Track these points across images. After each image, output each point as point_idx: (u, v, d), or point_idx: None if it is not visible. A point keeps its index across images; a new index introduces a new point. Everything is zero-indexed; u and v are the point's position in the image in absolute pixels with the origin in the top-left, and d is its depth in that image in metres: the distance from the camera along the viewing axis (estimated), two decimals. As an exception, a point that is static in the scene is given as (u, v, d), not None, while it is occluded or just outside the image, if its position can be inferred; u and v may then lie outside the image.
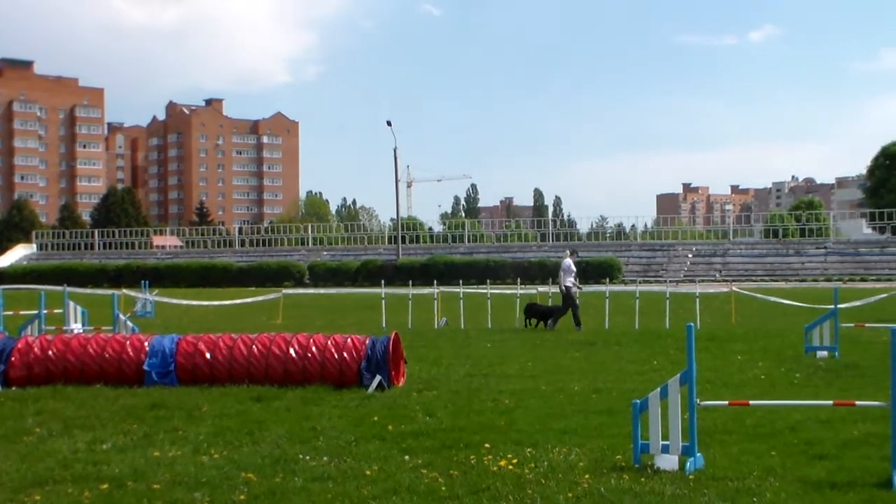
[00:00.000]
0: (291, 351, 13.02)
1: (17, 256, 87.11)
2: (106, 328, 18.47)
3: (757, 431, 9.58)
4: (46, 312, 18.73)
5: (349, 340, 13.15)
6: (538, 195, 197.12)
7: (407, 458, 8.58)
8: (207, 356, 13.09)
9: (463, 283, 32.73)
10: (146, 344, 13.31)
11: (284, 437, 9.57)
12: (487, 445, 9.00)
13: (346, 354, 12.92)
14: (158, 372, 13.03)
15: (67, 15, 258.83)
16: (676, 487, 7.44)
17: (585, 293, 28.42)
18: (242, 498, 7.30)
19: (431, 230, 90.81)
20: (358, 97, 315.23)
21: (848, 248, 66.72)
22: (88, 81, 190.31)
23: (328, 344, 13.07)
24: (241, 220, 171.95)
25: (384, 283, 28.38)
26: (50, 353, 13.28)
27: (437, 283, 29.17)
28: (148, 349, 13.20)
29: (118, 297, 19.26)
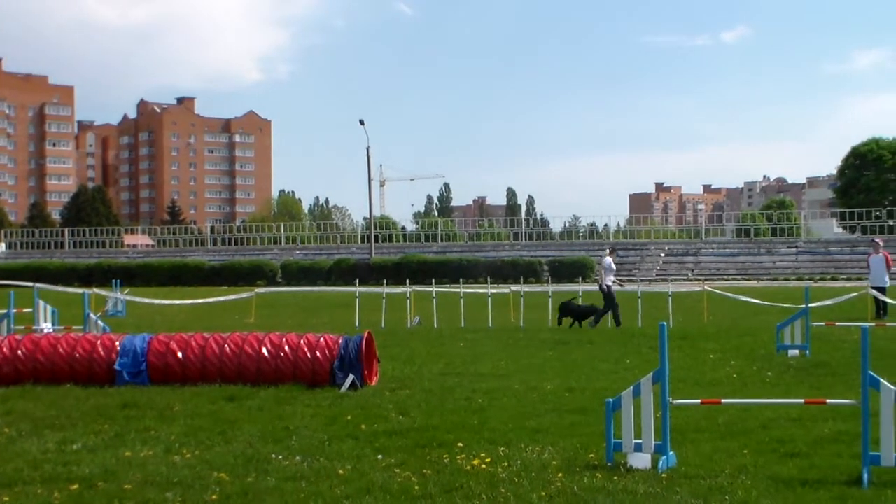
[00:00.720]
0: (264, 350, 12.97)
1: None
2: (76, 328, 18.33)
3: (729, 430, 9.62)
4: (16, 312, 18.54)
5: (322, 339, 13.11)
6: (511, 194, 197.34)
7: (380, 457, 8.56)
8: (179, 355, 13.02)
9: (436, 282, 32.73)
10: (117, 343, 13.21)
11: (257, 436, 9.53)
12: (461, 444, 9.00)
13: (319, 354, 12.88)
14: (130, 371, 12.94)
15: (36, 12, 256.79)
16: (649, 486, 7.46)
17: (558, 292, 28.48)
18: (215, 498, 7.26)
19: (404, 229, 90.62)
20: (331, 96, 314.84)
21: (819, 247, 67.10)
22: (58, 79, 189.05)
23: (301, 343, 13.03)
24: (213, 219, 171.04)
25: (357, 282, 28.30)
26: (19, 352, 13.16)
27: (410, 282, 29.11)
28: (119, 349, 13.11)
29: (89, 296, 19.11)
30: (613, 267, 23.59)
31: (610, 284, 23.05)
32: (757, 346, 18.03)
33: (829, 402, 9.33)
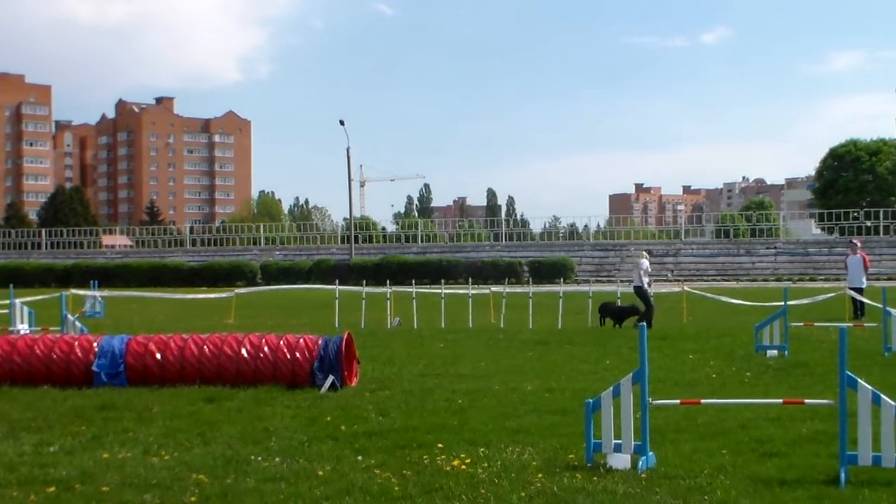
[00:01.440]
0: (244, 351, 12.92)
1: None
2: (54, 329, 18.22)
3: (708, 430, 9.65)
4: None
5: (302, 340, 13.07)
6: (491, 195, 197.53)
7: (360, 458, 8.54)
8: (158, 357, 12.95)
9: (416, 282, 32.70)
10: (95, 345, 13.13)
11: (236, 437, 9.49)
12: (441, 445, 8.99)
13: (298, 354, 12.85)
14: (108, 373, 12.86)
15: (12, 10, 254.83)
16: (629, 486, 7.47)
17: (538, 293, 28.52)
18: (193, 500, 7.22)
19: (384, 230, 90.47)
20: (311, 96, 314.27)
21: (797, 248, 67.42)
22: (35, 78, 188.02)
23: (281, 344, 12.98)
24: (192, 219, 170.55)
25: (337, 282, 28.22)
26: (-4, 353, 13.05)
27: (390, 282, 29.07)
28: (97, 350, 13.02)
29: (66, 297, 18.99)
30: (650, 269, 23.62)
31: (642, 285, 22.80)
32: (736, 346, 18.09)
33: (807, 402, 9.37)
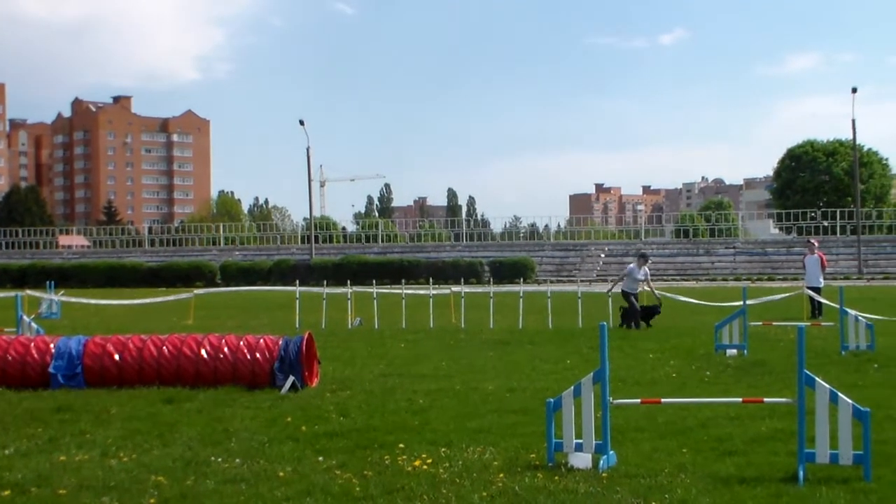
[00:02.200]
0: (203, 352, 12.81)
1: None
2: (9, 330, 17.98)
3: (668, 429, 9.70)
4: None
5: (262, 341, 12.99)
6: (452, 195, 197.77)
7: (321, 458, 8.51)
8: (116, 358, 12.81)
9: (377, 282, 32.62)
10: (52, 346, 12.96)
11: (196, 439, 9.41)
12: (402, 445, 8.97)
13: (258, 355, 12.76)
14: (65, 374, 12.70)
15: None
16: (590, 485, 7.49)
17: (499, 293, 28.56)
18: (153, 502, 7.16)
19: (345, 230, 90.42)
20: (270, 96, 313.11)
21: (756, 248, 68.10)
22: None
23: (241, 344, 12.89)
24: (150, 219, 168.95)
25: (298, 282, 28.10)
26: (-50, 355, 12.85)
27: (350, 282, 28.99)
28: (54, 351, 12.86)
29: (21, 297, 18.75)
30: (638, 275, 23.40)
31: (628, 291, 22.84)
32: (696, 345, 18.21)
33: (766, 400, 9.47)
